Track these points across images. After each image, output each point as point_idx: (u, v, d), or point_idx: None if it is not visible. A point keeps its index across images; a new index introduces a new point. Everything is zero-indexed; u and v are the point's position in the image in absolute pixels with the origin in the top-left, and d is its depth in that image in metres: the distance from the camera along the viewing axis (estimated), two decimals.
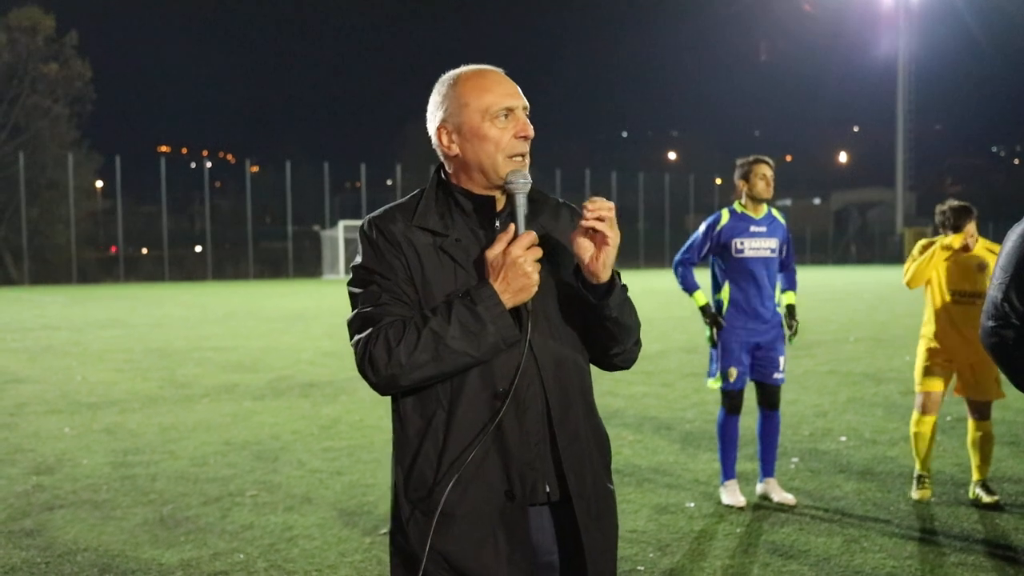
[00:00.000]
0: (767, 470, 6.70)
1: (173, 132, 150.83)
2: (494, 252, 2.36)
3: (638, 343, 2.60)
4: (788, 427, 8.88)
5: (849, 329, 18.82)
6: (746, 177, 6.63)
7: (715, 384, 6.60)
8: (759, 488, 6.71)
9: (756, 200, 6.62)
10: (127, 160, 58.81)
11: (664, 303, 26.45)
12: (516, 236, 2.37)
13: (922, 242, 6.90)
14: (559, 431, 2.44)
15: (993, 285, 2.80)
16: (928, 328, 6.76)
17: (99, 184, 61.72)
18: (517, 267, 2.34)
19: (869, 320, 21.35)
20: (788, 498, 6.52)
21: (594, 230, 2.34)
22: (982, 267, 6.60)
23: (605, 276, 2.37)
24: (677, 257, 6.84)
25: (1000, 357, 2.79)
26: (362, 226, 2.55)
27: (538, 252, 2.37)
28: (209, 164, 65.38)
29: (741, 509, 6.36)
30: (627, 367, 2.64)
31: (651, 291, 32.48)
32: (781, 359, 6.64)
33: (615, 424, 9.22)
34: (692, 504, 6.55)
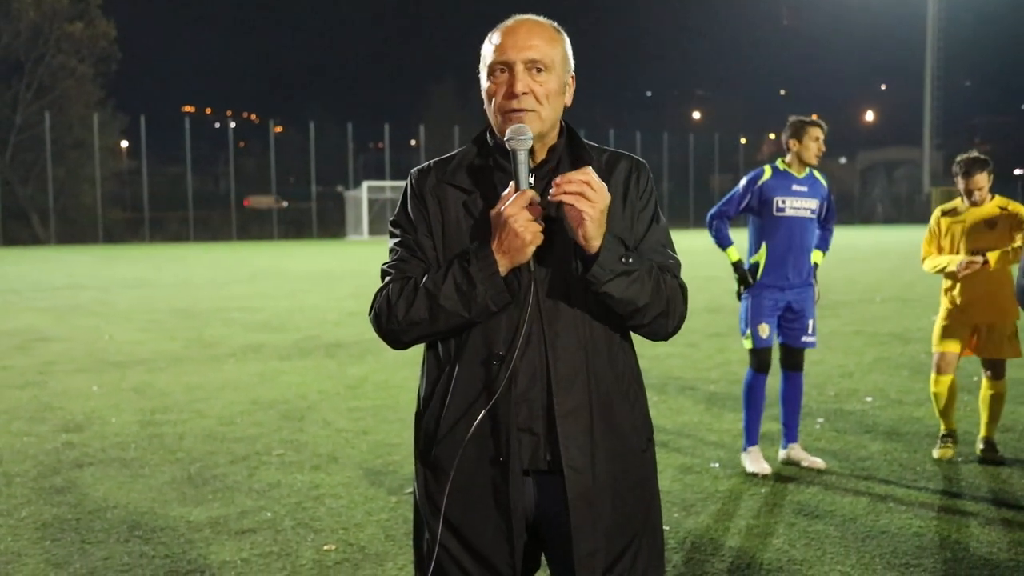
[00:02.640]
0: (791, 435, 6.59)
1: (197, 92, 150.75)
2: (494, 212, 2.30)
3: (667, 316, 2.43)
4: (813, 387, 8.85)
5: (876, 289, 18.69)
6: (798, 137, 6.45)
7: (747, 343, 6.47)
8: (782, 454, 6.60)
9: (804, 163, 6.47)
10: (152, 120, 59.08)
11: (689, 263, 26.24)
12: (515, 194, 2.28)
13: (938, 211, 6.85)
14: (558, 400, 2.35)
15: None
16: (947, 288, 6.74)
17: (124, 144, 62.00)
18: (509, 227, 2.26)
19: (895, 280, 21.21)
20: (817, 462, 6.44)
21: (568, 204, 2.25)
22: (991, 223, 6.55)
23: (591, 248, 2.28)
24: (713, 210, 6.69)
25: None
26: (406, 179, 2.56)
27: (535, 211, 2.27)
28: (233, 124, 65.84)
29: (765, 477, 6.24)
30: (659, 339, 2.50)
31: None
32: (810, 322, 6.52)
33: None
34: (717, 464, 6.55)
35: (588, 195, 2.23)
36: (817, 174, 6.59)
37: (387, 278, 2.45)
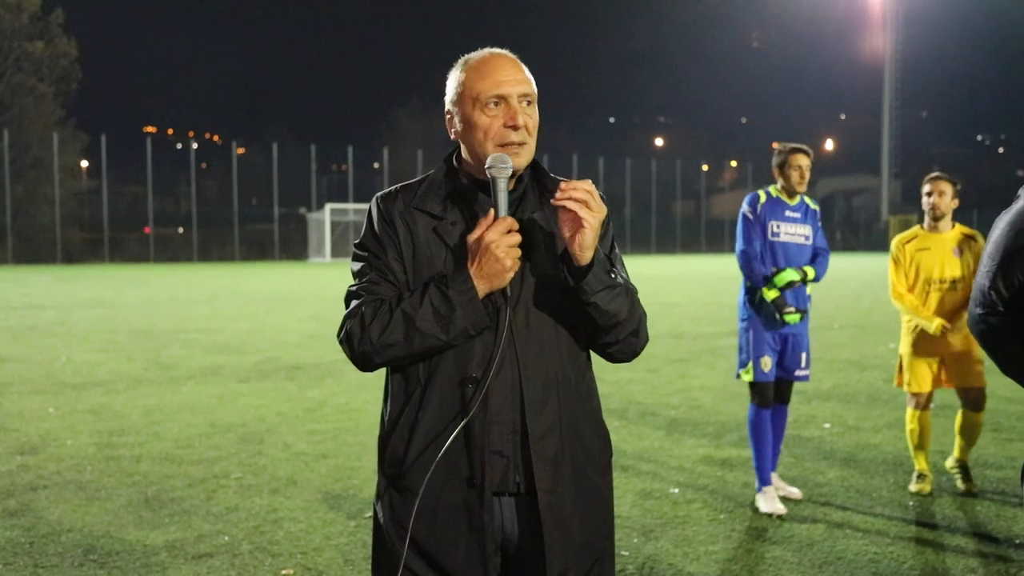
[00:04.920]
0: (773, 464, 6.41)
1: (159, 112, 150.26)
2: (472, 237, 2.35)
3: (637, 335, 2.52)
4: None
5: (834, 316, 18.86)
6: (780, 166, 6.33)
7: (747, 375, 6.25)
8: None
9: (790, 193, 6.34)
10: (113, 140, 58.59)
11: (651, 290, 26.48)
12: (494, 221, 2.34)
13: (898, 240, 6.76)
14: (531, 422, 2.40)
15: (980, 272, 2.80)
16: (910, 324, 6.64)
17: (84, 164, 61.45)
18: (490, 252, 2.31)
19: (853, 307, 21.45)
20: (793, 492, 6.35)
21: (569, 211, 2.31)
22: (958, 251, 6.55)
23: (584, 258, 2.33)
24: (739, 247, 6.32)
25: (987, 343, 2.80)
26: (369, 203, 2.58)
27: (516, 238, 2.34)
28: (195, 145, 65.55)
29: (781, 518, 5.95)
30: (626, 359, 2.57)
31: (637, 277, 32.37)
32: (804, 355, 6.37)
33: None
34: (676, 490, 6.57)
35: (591, 205, 2.30)
36: (808, 200, 6.45)
37: (356, 300, 2.46)
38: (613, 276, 2.43)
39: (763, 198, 6.34)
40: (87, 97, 66.72)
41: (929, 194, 6.62)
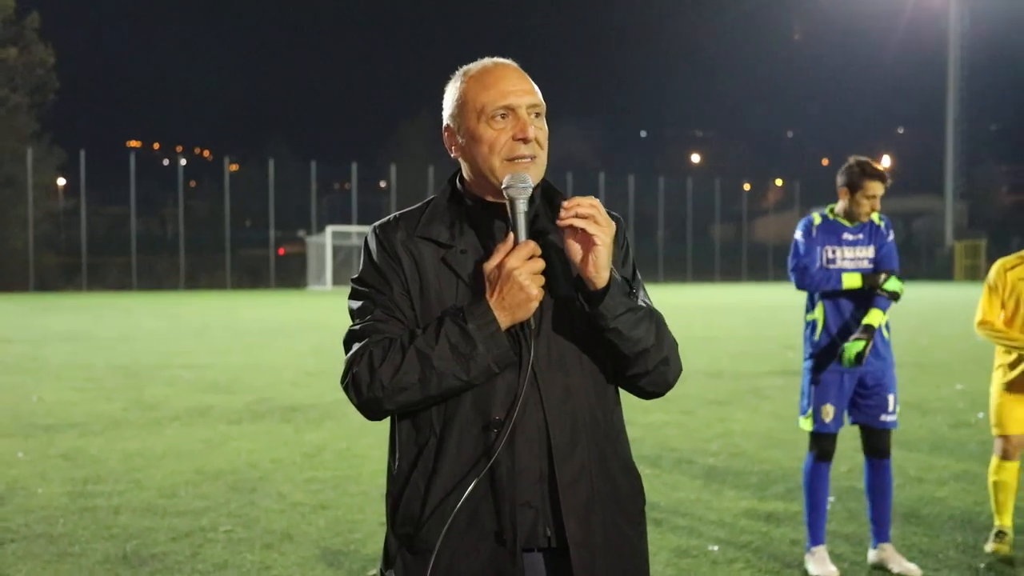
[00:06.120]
0: (881, 534, 6.17)
1: (144, 125, 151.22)
2: (490, 265, 2.35)
3: (668, 363, 2.51)
4: None
5: None
6: (851, 187, 6.06)
7: (806, 424, 6.10)
8: (871, 555, 6.21)
9: (852, 218, 6.12)
10: (92, 156, 59.05)
11: (685, 322, 26.43)
12: (515, 246, 2.35)
13: (1000, 265, 6.43)
14: (560, 469, 2.39)
15: None
16: (1005, 357, 6.42)
17: (61, 182, 61.90)
18: (513, 281, 2.31)
19: (912, 344, 21.31)
20: (912, 569, 6.00)
21: (578, 229, 2.31)
22: None
23: (600, 280, 2.34)
24: (792, 263, 6.15)
25: None
26: (366, 234, 2.57)
27: (539, 264, 2.34)
28: (183, 161, 65.86)
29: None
30: (660, 392, 2.56)
31: (671, 308, 32.44)
32: (891, 397, 6.11)
33: None
34: (715, 548, 6.53)
35: (599, 219, 2.31)
36: (875, 215, 6.21)
37: (360, 341, 2.44)
38: (634, 298, 2.42)
39: (817, 220, 6.22)
40: (65, 109, 67.27)
41: None
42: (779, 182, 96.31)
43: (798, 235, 6.23)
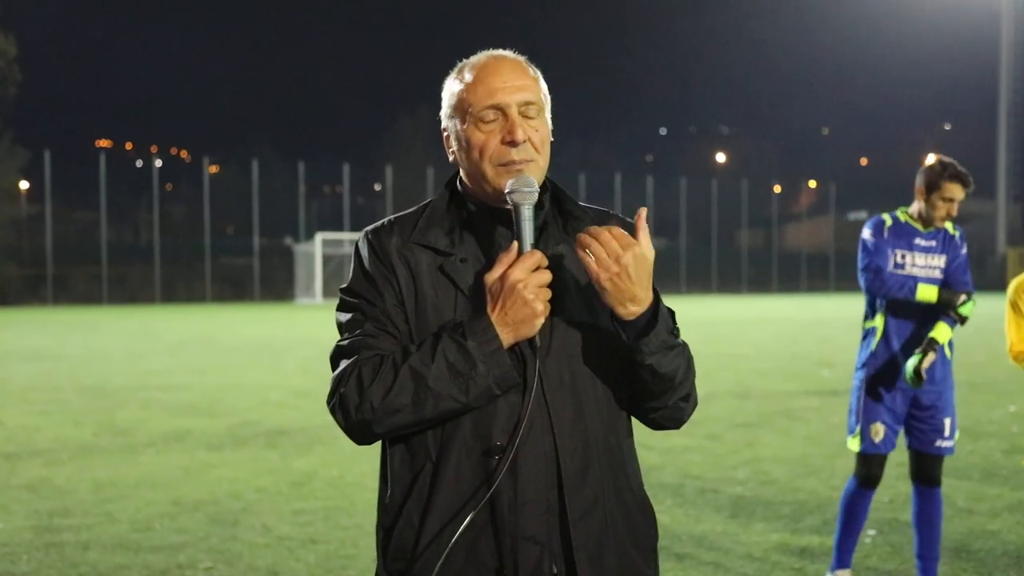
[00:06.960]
0: (928, 570, 6.14)
1: (115, 123, 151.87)
2: (492, 276, 2.34)
3: (687, 399, 2.52)
4: None
5: None
6: (928, 190, 6.04)
7: (854, 444, 6.11)
8: None
9: (926, 222, 6.15)
10: (58, 156, 59.18)
11: (709, 336, 26.42)
12: (519, 256, 2.34)
13: (1019, 283, 6.11)
14: (571, 500, 2.39)
15: None
16: None
17: (24, 185, 61.98)
18: (517, 294, 2.30)
19: (963, 360, 21.21)
20: None
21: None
22: None
23: (621, 312, 2.33)
24: (864, 262, 6.13)
25: None
26: (357, 241, 2.56)
27: (546, 276, 2.33)
28: (159, 162, 65.83)
29: None
30: (672, 426, 2.58)
31: (694, 322, 32.46)
32: (947, 421, 6.08)
33: (650, 484, 9.14)
34: None
35: (603, 262, 2.29)
36: (949, 225, 6.22)
37: (349, 358, 2.43)
38: (675, 334, 2.43)
39: (888, 222, 6.20)
40: (28, 105, 67.75)
41: None
42: (812, 184, 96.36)
43: (866, 234, 6.20)
